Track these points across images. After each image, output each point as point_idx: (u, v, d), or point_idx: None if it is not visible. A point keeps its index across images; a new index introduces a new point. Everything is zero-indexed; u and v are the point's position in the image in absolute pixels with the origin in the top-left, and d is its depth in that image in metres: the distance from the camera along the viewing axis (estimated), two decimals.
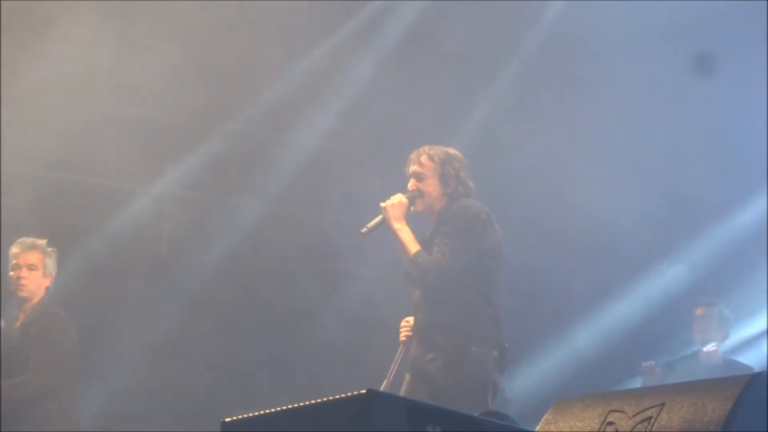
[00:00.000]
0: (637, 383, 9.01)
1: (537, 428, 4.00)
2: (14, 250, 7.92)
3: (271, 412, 3.65)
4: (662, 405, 3.66)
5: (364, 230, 6.73)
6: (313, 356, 9.56)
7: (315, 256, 10.05)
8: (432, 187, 6.71)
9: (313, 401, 3.53)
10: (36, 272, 7.87)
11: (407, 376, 6.71)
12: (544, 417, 4.03)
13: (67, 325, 7.89)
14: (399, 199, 6.66)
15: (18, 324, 7.84)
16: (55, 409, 7.72)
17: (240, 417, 3.74)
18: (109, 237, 9.47)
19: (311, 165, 9.84)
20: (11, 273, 7.89)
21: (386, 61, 9.76)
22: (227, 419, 3.75)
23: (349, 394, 3.40)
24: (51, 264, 7.92)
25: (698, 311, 9.39)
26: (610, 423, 3.78)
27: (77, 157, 9.15)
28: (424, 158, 6.75)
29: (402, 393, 6.55)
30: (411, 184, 6.76)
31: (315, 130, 9.84)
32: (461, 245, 6.53)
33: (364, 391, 3.30)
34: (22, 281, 7.85)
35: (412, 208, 6.73)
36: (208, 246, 9.71)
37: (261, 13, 9.26)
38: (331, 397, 3.49)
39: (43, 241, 7.93)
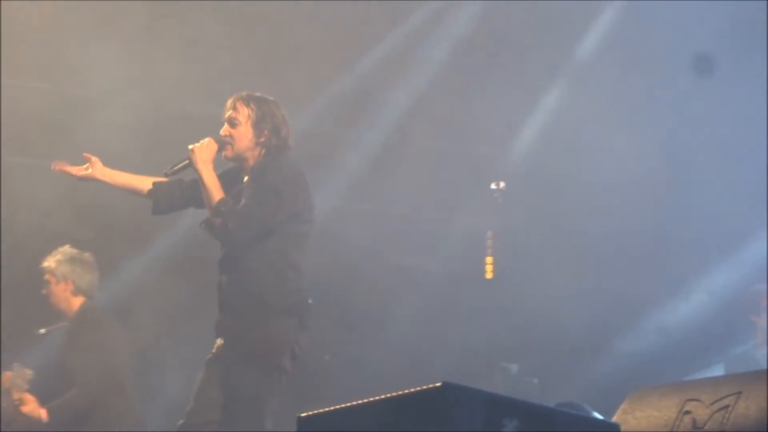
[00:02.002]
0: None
1: (614, 418, 3.99)
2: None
3: (345, 407, 3.65)
4: (739, 393, 3.64)
5: (168, 171, 6.46)
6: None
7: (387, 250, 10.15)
8: (244, 133, 6.42)
9: (387, 395, 3.52)
10: (50, 283, 7.77)
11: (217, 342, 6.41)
12: (621, 406, 4.02)
13: (107, 334, 7.76)
14: (208, 142, 6.40)
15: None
16: (110, 414, 7.64)
17: (315, 412, 3.75)
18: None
19: None
20: None
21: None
22: (302, 414, 3.76)
23: (424, 387, 3.39)
24: (63, 270, 7.75)
25: None
26: (687, 412, 3.76)
27: (149, 157, 9.18)
28: (239, 104, 6.48)
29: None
30: (224, 129, 6.47)
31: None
32: (270, 203, 6.28)
33: (439, 384, 3.30)
34: (44, 293, 7.80)
35: (223, 154, 6.45)
36: None
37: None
38: (405, 391, 3.49)
39: (62, 248, 7.83)
